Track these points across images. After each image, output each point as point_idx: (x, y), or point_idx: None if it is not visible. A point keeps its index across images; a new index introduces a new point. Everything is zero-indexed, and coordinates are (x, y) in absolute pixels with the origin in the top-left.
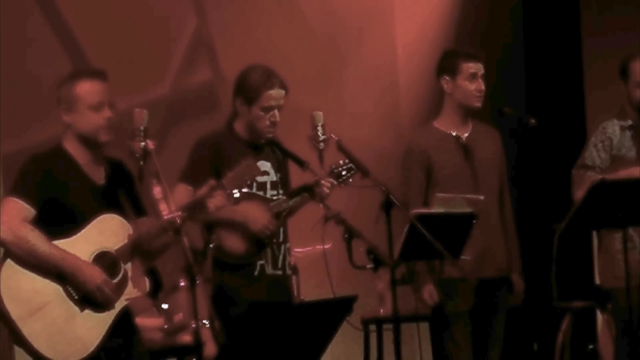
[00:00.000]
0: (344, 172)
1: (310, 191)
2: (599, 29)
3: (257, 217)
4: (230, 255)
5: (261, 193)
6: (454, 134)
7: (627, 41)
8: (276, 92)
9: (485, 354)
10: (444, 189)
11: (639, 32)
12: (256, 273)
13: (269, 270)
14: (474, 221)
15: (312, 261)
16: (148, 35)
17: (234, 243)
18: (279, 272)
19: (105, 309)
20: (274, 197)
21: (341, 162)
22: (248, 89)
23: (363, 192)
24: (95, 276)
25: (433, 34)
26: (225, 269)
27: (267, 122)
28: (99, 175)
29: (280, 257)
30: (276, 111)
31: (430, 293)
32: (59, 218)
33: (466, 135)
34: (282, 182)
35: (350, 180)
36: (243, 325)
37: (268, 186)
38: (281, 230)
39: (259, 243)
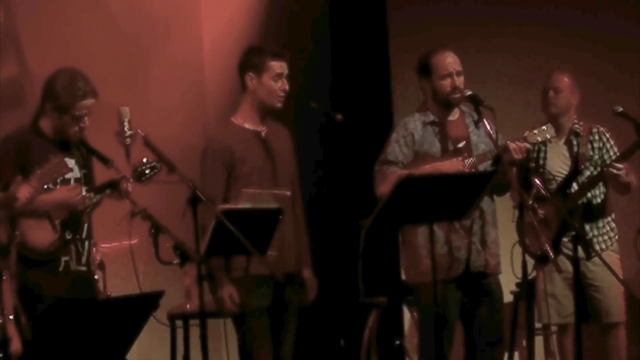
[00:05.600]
0: (147, 171)
1: (115, 187)
2: (406, 25)
3: (69, 194)
4: (34, 251)
5: None
6: (253, 129)
7: (433, 37)
8: (88, 102)
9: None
10: (246, 184)
11: (444, 28)
12: (61, 269)
13: (74, 266)
14: (281, 217)
15: (119, 256)
16: None
17: (38, 238)
18: (84, 268)
19: None
20: None
21: (145, 160)
22: (59, 97)
23: (170, 188)
24: None
25: (239, 30)
26: (30, 265)
27: (77, 129)
28: None
29: (85, 253)
30: (86, 118)
31: (230, 294)
32: None
33: (265, 131)
34: (87, 179)
35: (154, 178)
36: (48, 322)
37: (72, 183)
38: (85, 226)
39: (64, 238)
